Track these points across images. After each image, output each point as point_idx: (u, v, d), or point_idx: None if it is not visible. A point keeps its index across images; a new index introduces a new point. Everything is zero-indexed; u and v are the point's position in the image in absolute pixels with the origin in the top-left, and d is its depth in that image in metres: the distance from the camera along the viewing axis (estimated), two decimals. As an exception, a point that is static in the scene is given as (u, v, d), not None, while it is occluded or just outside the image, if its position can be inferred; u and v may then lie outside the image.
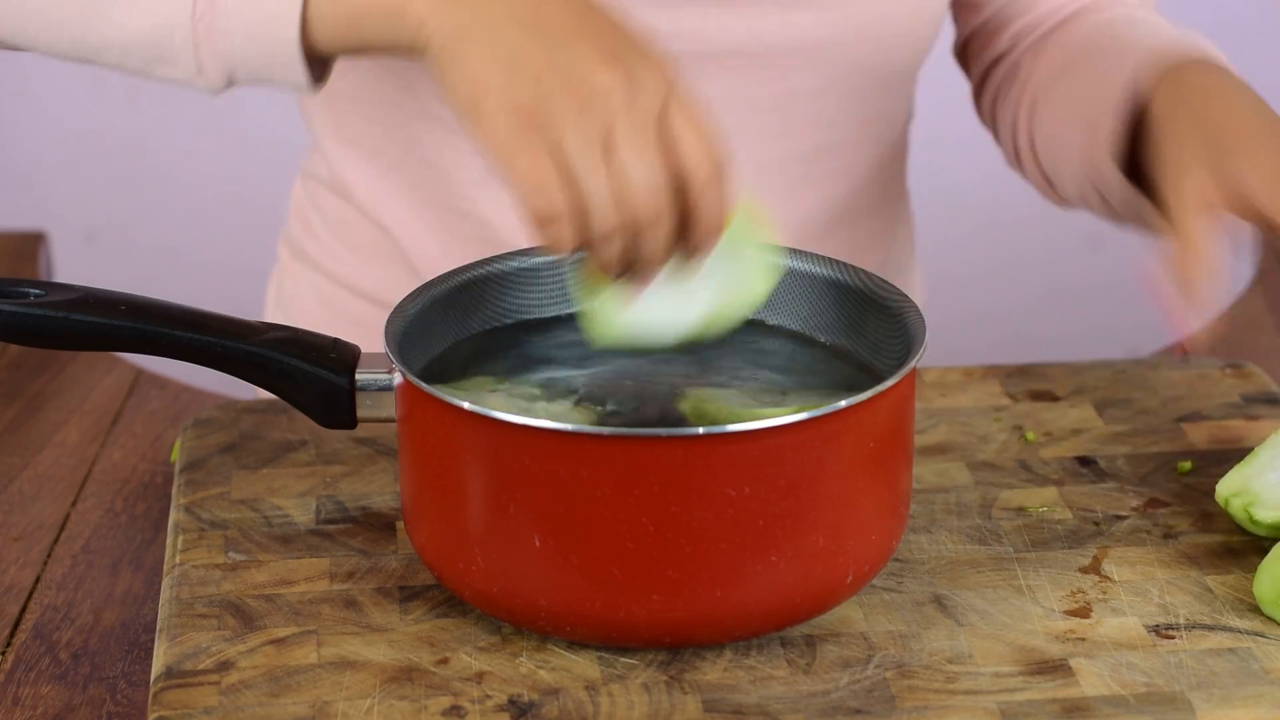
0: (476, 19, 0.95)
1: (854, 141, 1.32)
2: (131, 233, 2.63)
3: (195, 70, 1.04)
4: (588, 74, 0.92)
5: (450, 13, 0.96)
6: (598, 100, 0.92)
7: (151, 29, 1.03)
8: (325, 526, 1.09)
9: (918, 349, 0.99)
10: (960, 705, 0.94)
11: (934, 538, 1.07)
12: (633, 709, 0.94)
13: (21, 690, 1.03)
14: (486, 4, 0.96)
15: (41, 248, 1.67)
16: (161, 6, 1.03)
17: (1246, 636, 0.99)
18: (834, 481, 0.95)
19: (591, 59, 0.93)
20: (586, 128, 0.92)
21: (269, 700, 0.94)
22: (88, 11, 1.04)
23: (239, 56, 1.03)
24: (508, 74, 0.93)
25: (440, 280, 1.06)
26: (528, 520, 0.94)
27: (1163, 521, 1.10)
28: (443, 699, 0.94)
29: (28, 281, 1.04)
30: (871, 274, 1.06)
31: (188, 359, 1.04)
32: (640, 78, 0.93)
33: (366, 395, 1.04)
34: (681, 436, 0.92)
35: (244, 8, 1.01)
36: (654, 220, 0.93)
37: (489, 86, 0.93)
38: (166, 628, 1.00)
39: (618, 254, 0.94)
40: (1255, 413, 1.21)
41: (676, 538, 0.93)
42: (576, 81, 0.92)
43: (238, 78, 1.04)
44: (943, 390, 1.24)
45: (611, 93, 0.92)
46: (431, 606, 1.01)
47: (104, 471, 1.24)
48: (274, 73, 1.03)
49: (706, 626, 0.95)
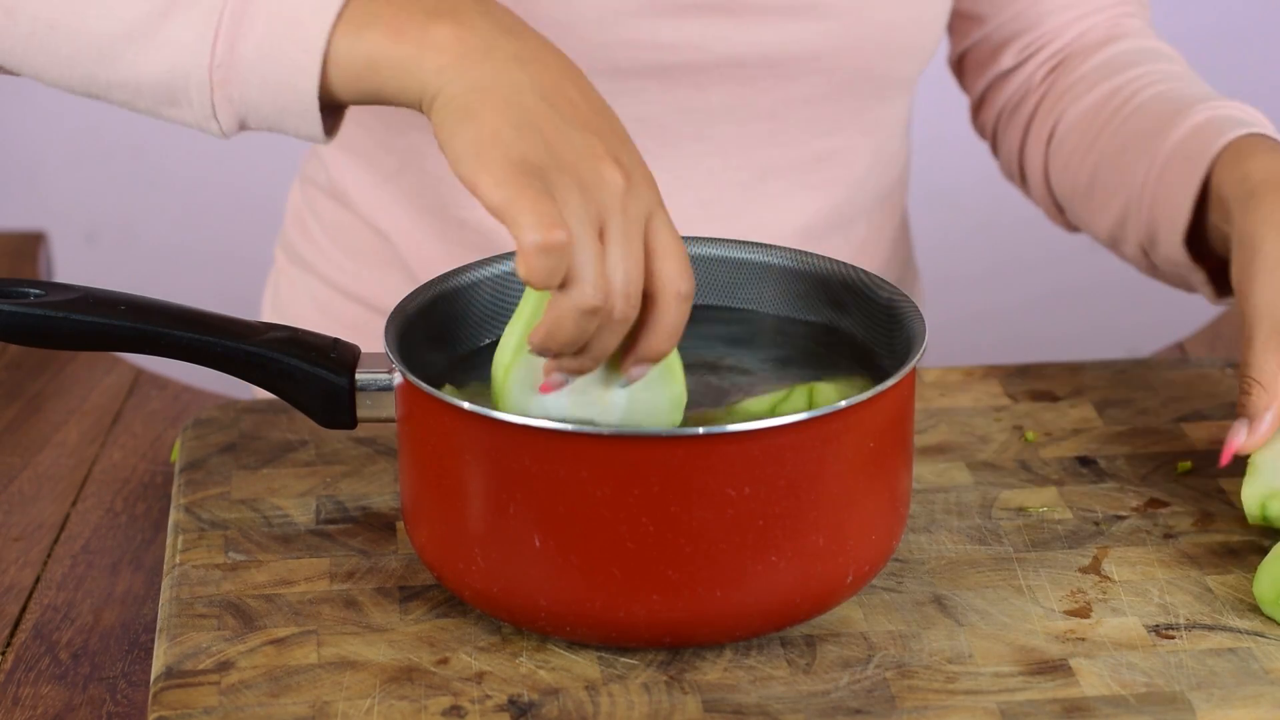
0: (497, 78, 0.94)
1: (853, 149, 1.32)
2: (131, 232, 2.64)
3: (208, 115, 1.02)
4: (596, 162, 0.92)
5: (470, 67, 0.95)
6: (600, 188, 0.92)
7: (166, 73, 1.01)
8: (325, 526, 1.09)
9: (918, 349, 0.99)
10: (960, 705, 0.94)
11: (934, 538, 1.07)
12: (633, 709, 0.94)
13: (21, 690, 1.03)
14: (508, 66, 0.95)
15: (41, 248, 1.67)
16: (179, 52, 1.01)
17: (1246, 636, 0.99)
18: (834, 481, 0.95)
19: (600, 151, 0.93)
20: (587, 206, 0.91)
21: (269, 700, 0.94)
22: (103, 51, 1.02)
23: (254, 104, 1.01)
24: (520, 130, 0.92)
25: (441, 280, 1.06)
26: (528, 520, 0.94)
27: (1163, 521, 1.10)
28: (443, 699, 0.94)
29: (28, 281, 1.04)
30: (872, 274, 1.06)
31: (188, 359, 1.04)
32: (637, 182, 0.93)
33: (366, 395, 1.04)
34: (681, 436, 0.92)
35: (264, 58, 0.99)
36: (624, 316, 0.92)
37: (499, 138, 0.92)
38: (166, 628, 1.00)
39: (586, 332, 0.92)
40: (1255, 413, 1.21)
41: (676, 538, 0.93)
42: (585, 164, 0.92)
43: (249, 125, 1.03)
44: (943, 390, 1.24)
45: (613, 186, 0.92)
46: (431, 606, 1.01)
47: (104, 471, 1.25)
48: (287, 122, 1.01)
49: (706, 626, 0.95)
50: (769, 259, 1.09)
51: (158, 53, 1.01)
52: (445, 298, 1.06)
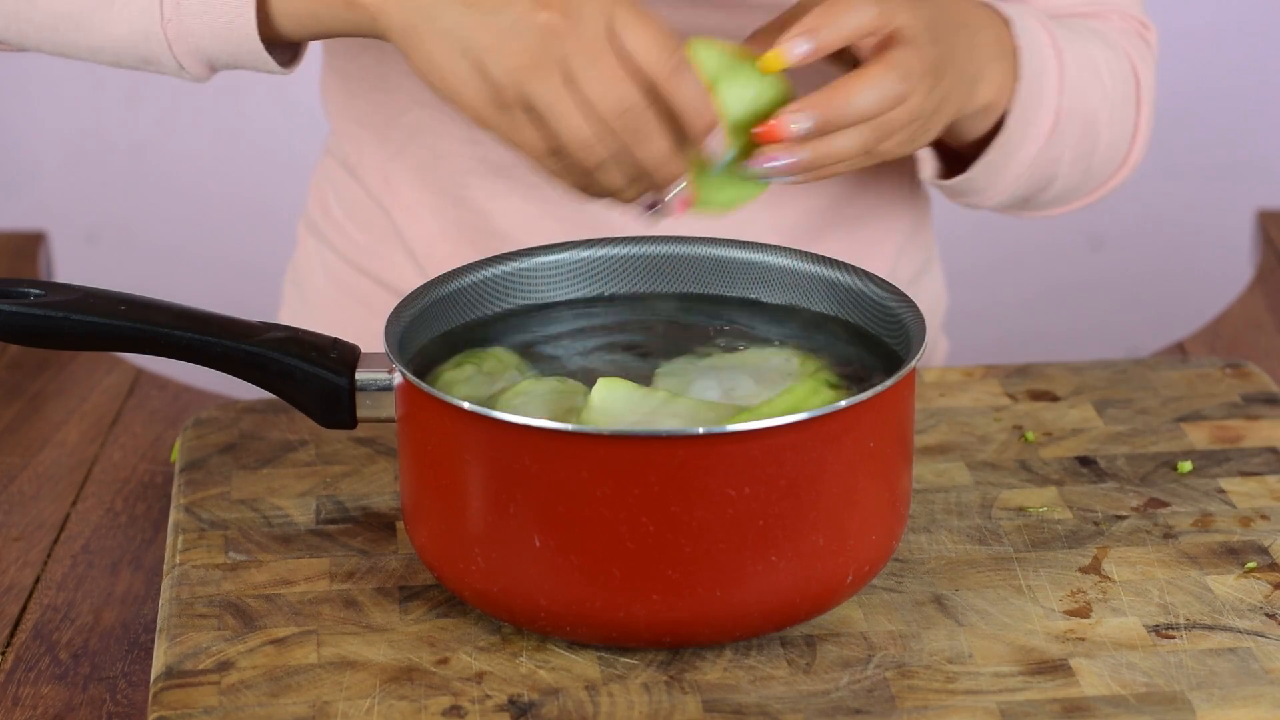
0: (418, 5, 1.01)
1: None
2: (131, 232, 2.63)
3: (176, 67, 1.11)
4: (528, 23, 0.98)
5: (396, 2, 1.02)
6: (542, 45, 0.98)
7: (130, 34, 1.10)
8: (325, 526, 1.09)
9: (918, 349, 0.99)
10: (960, 705, 0.94)
11: (934, 538, 1.07)
12: (633, 709, 0.94)
13: (21, 690, 1.03)
14: None
15: (41, 248, 1.67)
16: (135, 14, 1.09)
17: (1246, 636, 0.99)
18: (834, 481, 0.95)
19: (526, 8, 0.98)
20: (546, 78, 0.98)
21: (269, 700, 0.94)
22: (76, 20, 1.11)
23: (210, 52, 1.09)
24: (467, 60, 0.99)
25: (441, 280, 1.06)
26: (528, 520, 0.94)
27: (1163, 521, 1.10)
28: (443, 699, 0.94)
29: (28, 281, 1.05)
30: (872, 274, 1.06)
31: (188, 359, 1.04)
32: (577, 6, 0.98)
33: (366, 395, 1.04)
34: (681, 436, 0.92)
35: (207, 8, 1.07)
36: (639, 132, 0.99)
37: (458, 78, 1.00)
38: (166, 628, 1.00)
39: (622, 176, 1.00)
40: (1255, 413, 1.22)
41: (676, 538, 0.93)
42: (521, 35, 0.98)
43: (218, 66, 1.11)
44: (943, 390, 1.24)
45: (554, 30, 0.98)
46: (431, 606, 1.01)
47: (104, 471, 1.25)
48: (244, 61, 1.09)
49: (706, 626, 0.95)
50: (768, 258, 1.09)
51: (119, 17, 1.09)
52: (447, 297, 1.06)
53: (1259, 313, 1.51)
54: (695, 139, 1.01)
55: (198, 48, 1.09)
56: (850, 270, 1.07)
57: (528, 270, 1.09)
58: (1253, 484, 1.13)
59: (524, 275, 1.09)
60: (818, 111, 1.03)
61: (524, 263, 1.09)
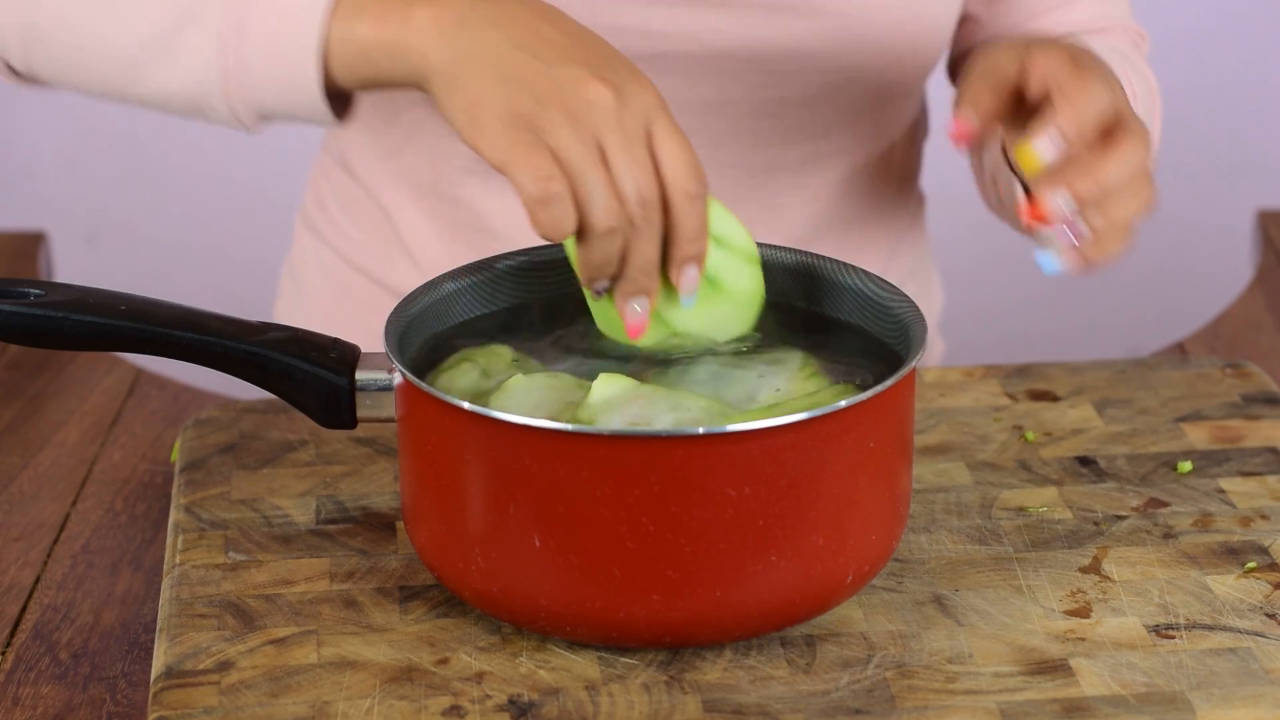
0: (474, 44, 1.00)
1: (846, 153, 1.32)
2: (132, 232, 2.63)
3: (231, 118, 1.10)
4: (581, 88, 0.97)
5: (449, 42, 1.01)
6: (590, 111, 0.97)
7: (185, 87, 1.09)
8: (325, 526, 1.09)
9: (918, 349, 0.99)
10: (960, 705, 0.94)
11: (934, 538, 1.07)
12: (633, 709, 0.94)
13: (21, 690, 1.03)
14: (483, 30, 1.00)
15: (41, 248, 1.67)
16: (193, 69, 1.09)
17: (1246, 636, 0.99)
18: (834, 481, 0.95)
19: (584, 75, 0.98)
20: (580, 134, 0.96)
21: (269, 700, 0.94)
22: (127, 71, 1.11)
23: (267, 103, 1.09)
24: (504, 88, 0.98)
25: (441, 280, 1.06)
26: (528, 520, 0.94)
27: (1163, 521, 1.10)
28: (443, 699, 0.94)
29: (28, 281, 1.05)
30: (872, 274, 1.06)
31: (188, 359, 1.04)
32: (629, 94, 0.98)
33: (366, 395, 1.04)
34: (681, 436, 0.92)
35: (268, 61, 1.06)
36: (644, 229, 0.97)
37: (487, 99, 0.98)
38: (166, 628, 1.00)
39: (614, 252, 0.97)
40: (1255, 413, 1.22)
41: (676, 538, 0.93)
42: (570, 94, 0.97)
43: (270, 118, 1.10)
44: (943, 390, 1.24)
45: (603, 105, 0.97)
46: (431, 606, 1.01)
47: (104, 471, 1.25)
48: (300, 112, 1.09)
49: (706, 626, 0.95)
50: (767, 257, 1.09)
51: (175, 69, 1.09)
52: (448, 297, 1.06)
53: (1259, 313, 1.51)
54: (678, 262, 0.99)
55: (256, 100, 1.08)
56: (850, 270, 1.07)
57: (528, 269, 1.09)
58: (1253, 484, 1.13)
59: (524, 274, 1.09)
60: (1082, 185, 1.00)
61: (524, 261, 1.09)
